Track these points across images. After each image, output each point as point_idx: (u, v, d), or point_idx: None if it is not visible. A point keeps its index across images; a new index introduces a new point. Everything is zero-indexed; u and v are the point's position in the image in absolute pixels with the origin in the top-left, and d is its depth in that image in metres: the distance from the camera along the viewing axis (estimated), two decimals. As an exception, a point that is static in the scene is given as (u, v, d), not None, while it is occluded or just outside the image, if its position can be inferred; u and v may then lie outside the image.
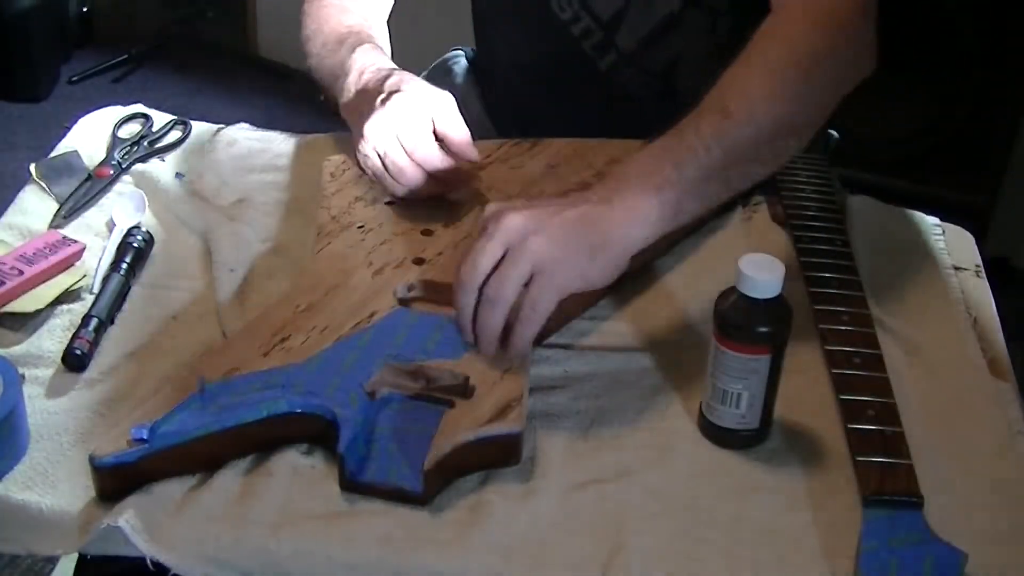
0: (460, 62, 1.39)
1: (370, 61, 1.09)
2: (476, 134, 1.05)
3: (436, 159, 1.01)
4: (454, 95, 1.04)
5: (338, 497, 0.79)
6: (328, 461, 0.82)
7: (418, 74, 1.11)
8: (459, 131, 1.02)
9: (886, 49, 1.02)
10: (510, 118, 1.31)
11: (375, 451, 0.80)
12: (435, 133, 1.02)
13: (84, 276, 0.98)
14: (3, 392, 0.80)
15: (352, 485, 0.79)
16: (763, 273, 0.80)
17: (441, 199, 1.05)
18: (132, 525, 0.75)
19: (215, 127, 1.22)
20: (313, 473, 0.81)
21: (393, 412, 0.83)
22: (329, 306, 0.91)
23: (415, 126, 1.01)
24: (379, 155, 1.02)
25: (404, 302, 0.93)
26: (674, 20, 1.16)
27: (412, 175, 1.01)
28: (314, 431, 0.82)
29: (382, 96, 1.02)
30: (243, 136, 1.21)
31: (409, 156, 1.01)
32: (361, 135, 1.02)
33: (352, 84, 1.08)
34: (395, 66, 1.09)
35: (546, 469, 0.83)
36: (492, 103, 1.34)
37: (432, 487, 0.79)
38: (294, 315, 0.90)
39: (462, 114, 1.04)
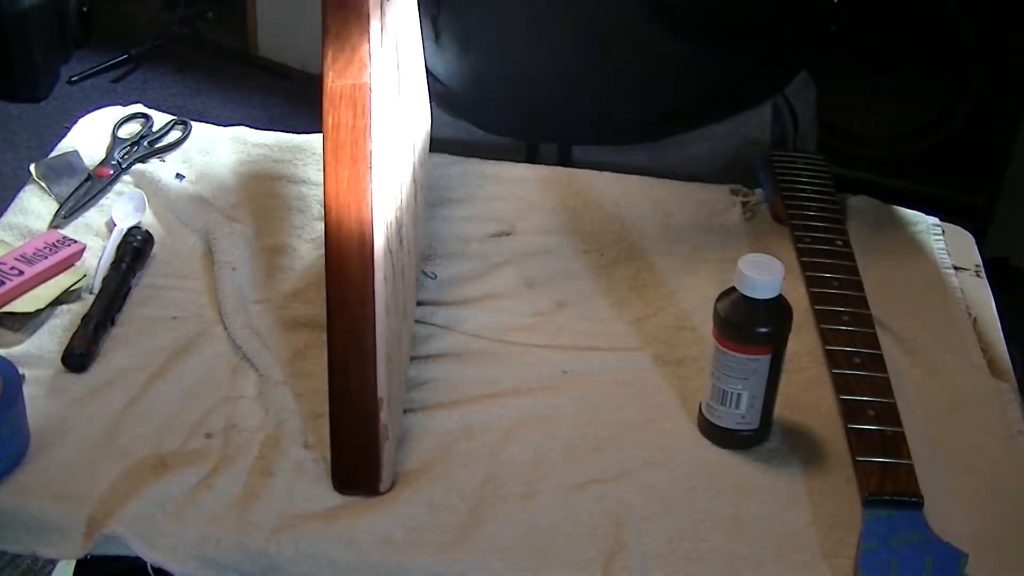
0: None
1: None
2: None
3: None
4: None
5: (338, 497, 0.79)
6: (328, 457, 0.82)
7: None
8: None
9: (887, 49, 1.01)
10: None
11: None
12: None
13: (84, 276, 0.98)
14: (3, 392, 0.80)
15: None
16: (763, 273, 0.80)
17: None
18: (133, 531, 0.75)
19: (215, 128, 1.22)
20: (315, 469, 0.81)
21: None
22: None
23: None
24: None
25: None
26: None
27: None
28: None
29: None
30: (243, 137, 1.21)
31: None
32: None
33: None
34: None
35: (546, 469, 0.83)
36: None
37: None
38: None
39: None
